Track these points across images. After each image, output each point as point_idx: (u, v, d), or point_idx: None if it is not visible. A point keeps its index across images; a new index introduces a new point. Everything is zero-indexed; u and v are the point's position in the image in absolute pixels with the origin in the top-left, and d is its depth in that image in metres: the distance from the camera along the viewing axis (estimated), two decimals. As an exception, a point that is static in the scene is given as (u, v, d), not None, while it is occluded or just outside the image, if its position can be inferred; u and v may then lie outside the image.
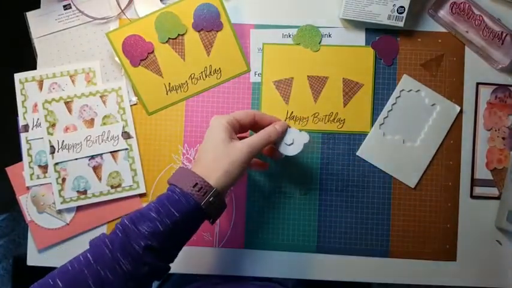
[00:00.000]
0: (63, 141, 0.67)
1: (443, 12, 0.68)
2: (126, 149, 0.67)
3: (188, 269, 0.67)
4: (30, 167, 0.67)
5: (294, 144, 0.59)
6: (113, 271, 0.48)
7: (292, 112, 0.68)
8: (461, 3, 0.66)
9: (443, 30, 0.68)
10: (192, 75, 0.68)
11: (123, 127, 0.68)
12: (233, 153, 0.54)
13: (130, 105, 0.68)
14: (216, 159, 0.53)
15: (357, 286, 0.72)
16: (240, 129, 0.58)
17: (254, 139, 0.56)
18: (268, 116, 0.60)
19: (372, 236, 0.67)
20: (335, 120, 0.68)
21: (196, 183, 0.51)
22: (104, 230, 0.68)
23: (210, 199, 0.51)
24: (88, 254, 0.49)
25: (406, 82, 0.68)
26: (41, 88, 0.68)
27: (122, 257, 0.48)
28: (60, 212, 0.67)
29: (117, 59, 0.67)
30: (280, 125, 0.59)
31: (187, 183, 0.51)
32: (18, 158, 0.68)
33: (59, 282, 0.47)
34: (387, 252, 0.67)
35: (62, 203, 0.67)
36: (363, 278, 0.67)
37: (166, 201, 0.51)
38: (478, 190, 0.67)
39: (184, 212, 0.50)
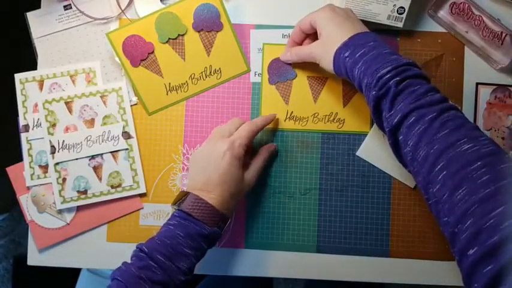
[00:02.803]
0: (63, 141, 0.67)
1: (443, 13, 0.68)
2: (127, 149, 0.67)
3: (188, 269, 0.67)
4: (30, 167, 0.67)
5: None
6: None
7: (292, 112, 0.68)
8: (461, 3, 0.67)
9: (442, 30, 0.68)
10: (192, 76, 0.68)
11: (124, 127, 0.68)
12: (245, 188, 0.61)
13: (131, 105, 0.68)
14: (232, 195, 0.59)
15: (366, 286, 0.72)
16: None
17: (258, 166, 0.63)
18: (260, 120, 0.64)
19: (371, 236, 0.67)
20: (335, 120, 0.68)
21: (219, 220, 0.57)
22: (104, 229, 0.68)
23: (225, 228, 0.59)
24: None
25: (405, 82, 0.68)
26: (41, 88, 0.68)
27: None
28: (60, 211, 0.67)
29: (117, 59, 0.67)
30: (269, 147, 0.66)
31: (213, 220, 0.56)
32: (19, 158, 0.68)
33: None
34: (387, 252, 0.67)
35: (62, 202, 0.67)
36: (363, 278, 0.67)
37: (197, 237, 0.55)
38: (477, 190, 0.67)
39: (212, 244, 0.58)
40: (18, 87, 0.68)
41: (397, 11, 0.65)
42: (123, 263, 0.54)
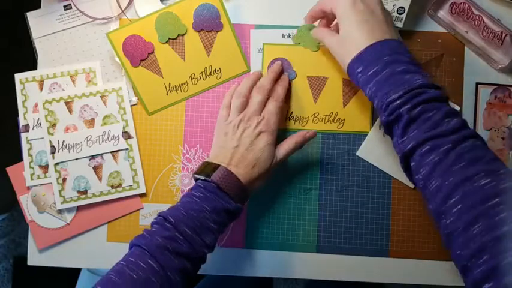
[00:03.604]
0: (63, 141, 0.67)
1: (443, 13, 0.68)
2: (127, 149, 0.67)
3: (188, 269, 0.67)
4: (30, 167, 0.67)
5: None
6: (181, 274, 0.51)
7: (292, 112, 0.68)
8: (461, 3, 0.67)
9: (442, 30, 0.68)
10: (192, 76, 0.68)
11: (124, 127, 0.68)
12: (273, 167, 0.60)
13: (131, 106, 0.68)
14: (260, 175, 0.59)
15: (366, 286, 0.72)
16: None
17: (290, 148, 0.62)
18: (282, 91, 0.64)
19: (372, 236, 0.67)
20: (335, 121, 0.68)
21: (245, 198, 0.58)
22: (105, 229, 0.68)
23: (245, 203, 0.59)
24: (151, 261, 0.49)
25: (405, 82, 0.68)
26: (41, 88, 0.68)
27: (189, 263, 0.52)
28: (60, 211, 0.67)
29: (117, 59, 0.67)
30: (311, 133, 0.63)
31: (239, 197, 0.56)
32: (19, 158, 0.68)
33: None
34: (387, 252, 0.67)
35: (62, 202, 0.67)
36: (363, 278, 0.67)
37: (224, 213, 0.55)
38: (477, 190, 0.67)
39: (234, 219, 0.58)
40: (18, 87, 0.68)
41: (397, 11, 0.65)
42: (144, 230, 0.53)
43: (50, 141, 0.67)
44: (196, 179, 0.58)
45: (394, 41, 0.54)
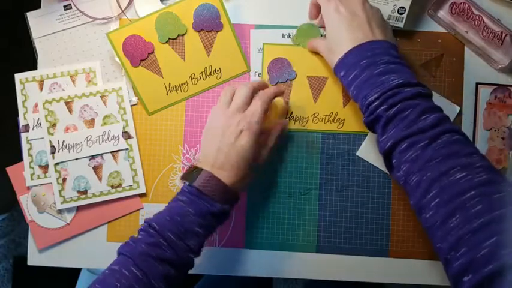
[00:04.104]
0: (63, 141, 0.67)
1: (443, 13, 0.68)
2: (127, 149, 0.67)
3: (188, 269, 0.67)
4: (30, 167, 0.67)
5: None
6: (165, 281, 0.50)
7: (292, 112, 0.68)
8: (461, 3, 0.67)
9: (443, 30, 0.68)
10: (192, 76, 0.68)
11: (124, 127, 0.68)
12: (259, 166, 0.60)
13: (131, 106, 0.68)
14: (247, 174, 0.58)
15: (366, 286, 0.72)
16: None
17: (272, 143, 0.62)
18: (271, 91, 0.62)
19: (372, 236, 0.67)
20: (335, 120, 0.68)
21: (231, 199, 0.56)
22: (105, 229, 0.68)
23: (233, 205, 0.58)
24: (134, 269, 0.49)
25: (405, 82, 0.68)
26: (41, 88, 0.68)
27: (173, 269, 0.51)
28: (60, 211, 0.67)
29: (117, 59, 0.67)
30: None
31: (225, 198, 0.55)
32: (19, 158, 0.68)
33: None
34: (387, 252, 0.67)
35: (62, 202, 0.67)
36: (363, 278, 0.67)
37: (210, 216, 0.54)
38: (477, 190, 0.67)
39: (221, 222, 0.57)
40: (18, 87, 0.68)
41: (398, 11, 0.65)
42: (130, 237, 0.53)
43: (50, 141, 0.67)
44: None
45: (374, 42, 0.55)
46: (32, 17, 0.69)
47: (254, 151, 0.58)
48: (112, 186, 0.67)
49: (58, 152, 0.67)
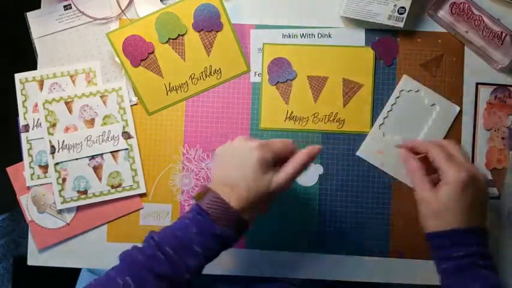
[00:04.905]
0: (63, 141, 0.67)
1: (443, 13, 0.68)
2: (127, 149, 0.67)
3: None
4: (30, 167, 0.67)
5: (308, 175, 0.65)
6: None
7: (292, 112, 0.68)
8: (461, 3, 0.67)
9: (443, 30, 0.68)
10: (192, 76, 0.68)
11: (124, 127, 0.68)
12: (274, 192, 0.54)
13: (131, 105, 0.68)
14: (256, 197, 0.53)
15: (366, 286, 0.72)
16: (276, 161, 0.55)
17: (292, 170, 0.54)
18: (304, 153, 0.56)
19: (372, 236, 0.67)
20: (335, 120, 0.68)
21: (235, 221, 0.53)
22: (104, 229, 0.68)
23: (241, 232, 0.54)
24: (128, 279, 0.48)
25: (405, 82, 0.68)
26: (41, 88, 0.68)
27: (166, 286, 0.50)
28: (60, 211, 0.67)
29: (117, 59, 0.67)
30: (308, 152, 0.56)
31: (228, 220, 0.52)
32: (19, 158, 0.68)
33: None
34: (387, 252, 0.67)
35: (62, 202, 0.67)
36: (363, 278, 0.67)
37: (211, 237, 0.52)
38: (477, 190, 0.67)
39: (224, 246, 0.53)
40: (18, 87, 0.68)
41: (398, 11, 0.65)
42: (133, 246, 0.52)
43: (50, 141, 0.67)
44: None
45: (483, 230, 0.55)
46: (32, 17, 0.69)
47: (264, 172, 0.53)
48: (112, 186, 0.67)
49: (58, 152, 0.67)
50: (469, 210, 0.54)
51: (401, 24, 0.65)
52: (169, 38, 0.67)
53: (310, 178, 0.68)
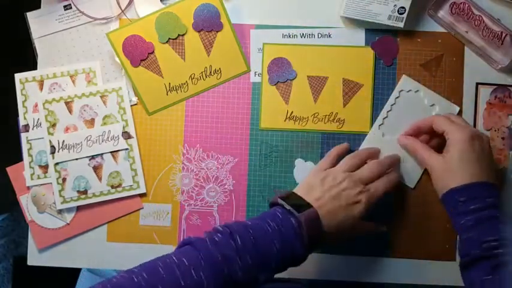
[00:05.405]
0: (63, 141, 0.67)
1: (443, 13, 0.68)
2: (127, 149, 0.67)
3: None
4: (30, 167, 0.67)
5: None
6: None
7: (292, 112, 0.68)
8: (461, 3, 0.67)
9: (443, 30, 0.68)
10: (192, 76, 0.68)
11: (124, 127, 0.68)
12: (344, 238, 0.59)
13: (131, 105, 0.68)
14: (335, 235, 0.56)
15: (366, 286, 0.72)
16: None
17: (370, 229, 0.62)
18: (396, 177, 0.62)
19: (372, 236, 0.67)
20: (335, 120, 0.68)
21: (316, 246, 0.54)
22: (104, 229, 0.68)
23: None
24: (202, 274, 0.47)
25: (405, 82, 0.68)
26: (41, 88, 0.68)
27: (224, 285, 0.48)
28: (60, 211, 0.67)
29: (117, 59, 0.67)
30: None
31: (312, 244, 0.53)
32: (19, 158, 0.68)
33: None
34: (387, 252, 0.67)
35: (62, 202, 0.67)
36: (363, 278, 0.67)
37: (290, 259, 0.52)
38: (477, 190, 0.67)
39: (294, 265, 0.53)
40: (18, 87, 0.68)
41: (398, 11, 0.65)
42: (206, 234, 0.50)
43: (50, 141, 0.67)
44: (277, 204, 0.55)
45: (495, 185, 0.58)
46: (32, 17, 0.69)
47: (356, 225, 0.57)
48: (112, 186, 0.67)
49: (58, 152, 0.67)
50: (478, 165, 0.57)
51: (401, 24, 0.65)
52: (169, 38, 0.67)
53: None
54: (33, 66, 0.69)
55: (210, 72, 0.69)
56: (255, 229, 0.50)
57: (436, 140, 0.65)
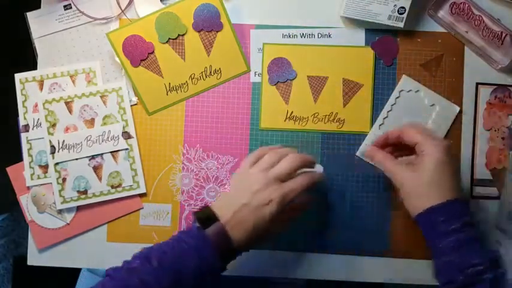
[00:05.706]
0: (63, 141, 0.67)
1: (443, 13, 0.68)
2: (127, 149, 0.67)
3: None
4: (30, 167, 0.67)
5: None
6: None
7: (292, 112, 0.68)
8: (461, 3, 0.67)
9: (443, 30, 0.68)
10: (192, 76, 0.68)
11: (124, 127, 0.68)
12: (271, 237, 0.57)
13: (131, 105, 0.68)
14: (257, 242, 0.55)
15: (366, 286, 0.71)
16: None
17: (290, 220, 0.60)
18: (317, 176, 0.59)
19: (372, 236, 0.67)
20: (335, 121, 0.68)
21: (231, 257, 0.54)
22: (105, 229, 0.68)
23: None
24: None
25: (405, 82, 0.68)
26: (41, 88, 0.68)
27: None
28: (60, 211, 0.67)
29: (117, 59, 0.67)
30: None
31: (228, 257, 0.53)
32: (19, 158, 0.68)
33: None
34: (387, 252, 0.67)
35: (62, 202, 0.67)
36: (363, 278, 0.67)
37: (209, 275, 0.51)
38: (477, 190, 0.67)
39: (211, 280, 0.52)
40: (18, 87, 0.68)
41: (398, 11, 0.65)
42: (124, 263, 0.52)
43: (50, 141, 0.67)
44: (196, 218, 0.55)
45: (467, 202, 0.57)
46: (32, 17, 0.69)
47: (273, 224, 0.54)
48: (112, 186, 0.67)
49: (58, 152, 0.67)
50: (455, 181, 0.55)
51: (401, 24, 0.65)
52: (169, 38, 0.67)
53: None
54: (33, 66, 0.69)
55: (210, 72, 0.69)
56: (172, 247, 0.51)
57: (404, 153, 0.61)
